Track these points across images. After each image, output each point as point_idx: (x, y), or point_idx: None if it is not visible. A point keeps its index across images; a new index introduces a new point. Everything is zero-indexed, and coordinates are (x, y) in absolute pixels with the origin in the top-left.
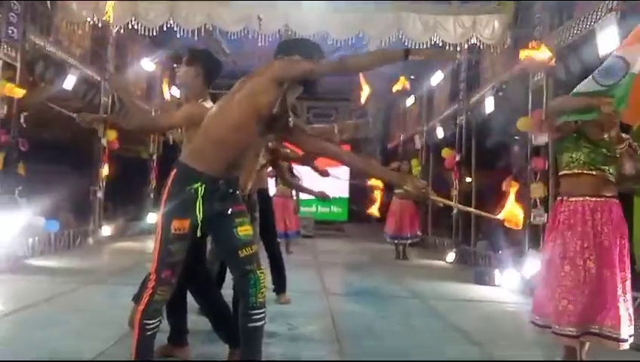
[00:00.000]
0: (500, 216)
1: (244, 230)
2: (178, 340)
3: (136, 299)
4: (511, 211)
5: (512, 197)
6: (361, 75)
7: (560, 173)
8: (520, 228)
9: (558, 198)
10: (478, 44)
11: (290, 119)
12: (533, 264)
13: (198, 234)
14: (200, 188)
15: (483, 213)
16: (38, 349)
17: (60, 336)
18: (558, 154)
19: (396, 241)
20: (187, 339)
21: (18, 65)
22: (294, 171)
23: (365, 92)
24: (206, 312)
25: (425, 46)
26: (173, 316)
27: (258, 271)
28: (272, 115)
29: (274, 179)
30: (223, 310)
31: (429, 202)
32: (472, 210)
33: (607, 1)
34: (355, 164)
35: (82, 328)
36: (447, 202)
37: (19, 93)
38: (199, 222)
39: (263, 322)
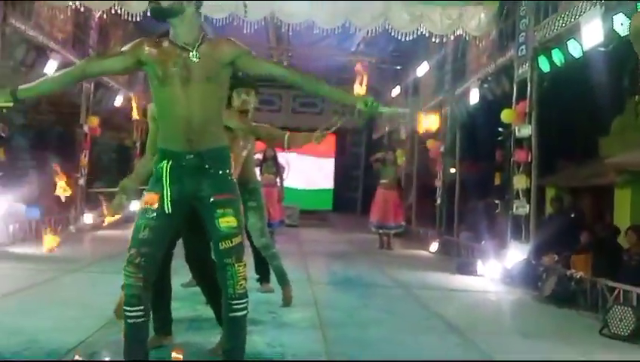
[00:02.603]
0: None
1: (226, 221)
2: (162, 330)
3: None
4: None
5: None
6: (359, 66)
7: None
8: None
9: None
10: (464, 35)
11: None
12: (514, 254)
13: (168, 210)
14: (166, 165)
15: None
16: (18, 337)
17: (41, 325)
18: None
19: (380, 231)
20: (171, 329)
21: None
22: (279, 160)
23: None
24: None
25: (411, 36)
26: (158, 306)
27: (236, 265)
28: None
29: (258, 167)
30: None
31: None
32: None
33: None
34: (305, 82)
35: (63, 316)
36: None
37: None
38: (168, 196)
39: (244, 312)
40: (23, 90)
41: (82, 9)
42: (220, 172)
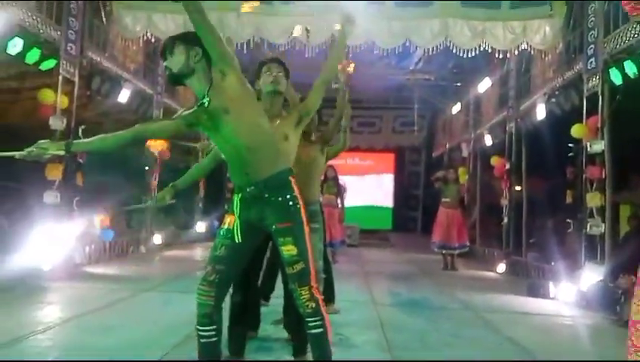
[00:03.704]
0: None
1: (287, 249)
2: (238, 350)
3: None
4: None
5: None
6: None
7: None
8: None
9: None
10: (528, 49)
11: None
12: (589, 276)
13: (238, 239)
14: (237, 197)
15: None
16: (98, 355)
17: (119, 342)
18: None
19: (444, 251)
20: (244, 350)
21: (76, 80)
22: (339, 181)
23: None
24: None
25: (474, 52)
26: (238, 326)
27: (299, 289)
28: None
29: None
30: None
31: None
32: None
33: None
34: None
35: (139, 335)
36: None
37: (64, 102)
38: (237, 227)
39: (319, 329)
40: (77, 144)
41: (153, 39)
42: (280, 198)
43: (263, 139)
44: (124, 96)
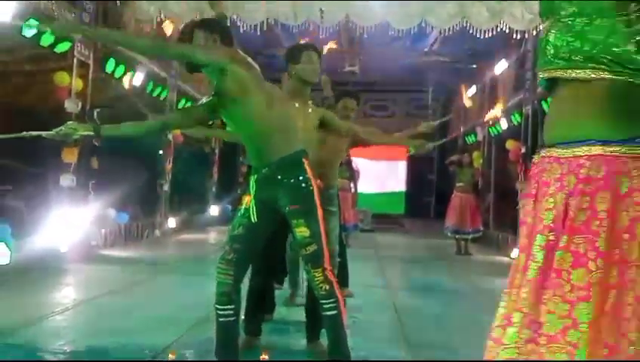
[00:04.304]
0: None
1: (300, 231)
2: (254, 331)
3: None
4: None
5: None
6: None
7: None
8: None
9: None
10: None
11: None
12: None
13: (254, 219)
14: (253, 178)
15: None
16: (115, 337)
17: (136, 325)
18: None
19: (457, 236)
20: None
21: (91, 62)
22: (353, 165)
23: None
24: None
25: (491, 33)
26: (255, 307)
27: (312, 271)
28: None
29: None
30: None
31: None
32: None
33: None
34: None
35: (157, 316)
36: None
37: (79, 85)
38: (253, 207)
39: (333, 311)
40: (106, 128)
41: (167, 21)
42: (292, 180)
43: (275, 123)
44: (138, 79)
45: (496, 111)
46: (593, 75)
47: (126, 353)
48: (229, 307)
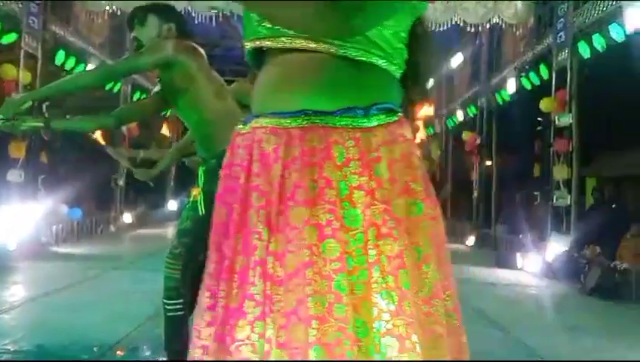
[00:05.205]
0: None
1: None
2: None
3: None
4: None
5: None
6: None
7: None
8: None
9: None
10: (500, 23)
11: None
12: (555, 247)
13: (201, 212)
14: (201, 169)
15: None
16: (65, 333)
17: (86, 321)
18: None
19: None
20: None
21: (39, 54)
22: None
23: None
24: None
25: (445, 27)
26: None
27: None
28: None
29: None
30: None
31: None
32: None
33: None
34: None
35: (107, 312)
36: None
37: (27, 78)
38: (200, 199)
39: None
40: (57, 122)
41: (119, 12)
42: None
43: (224, 113)
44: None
45: (428, 110)
46: (300, 44)
47: (74, 351)
48: (177, 301)
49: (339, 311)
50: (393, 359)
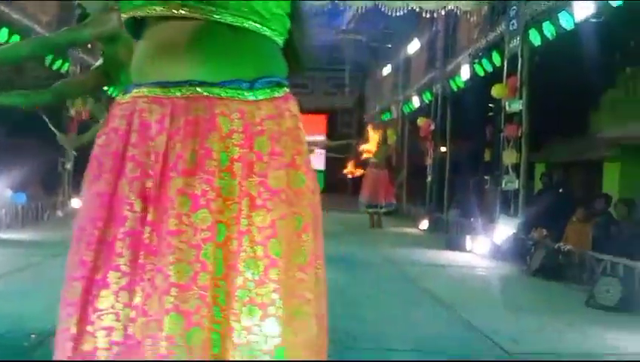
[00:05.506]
0: None
1: None
2: None
3: None
4: None
5: None
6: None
7: None
8: None
9: None
10: (455, 10)
11: None
12: (503, 229)
13: None
14: None
15: None
16: (5, 320)
17: (25, 308)
18: None
19: (371, 210)
20: None
21: None
22: None
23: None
24: None
25: (401, 12)
26: None
27: None
28: None
29: None
30: None
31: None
32: None
33: None
34: None
35: (47, 300)
36: None
37: None
38: None
39: None
40: None
41: None
42: None
43: None
44: None
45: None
46: (177, 12)
47: (11, 339)
48: None
49: (202, 279)
50: (254, 325)
